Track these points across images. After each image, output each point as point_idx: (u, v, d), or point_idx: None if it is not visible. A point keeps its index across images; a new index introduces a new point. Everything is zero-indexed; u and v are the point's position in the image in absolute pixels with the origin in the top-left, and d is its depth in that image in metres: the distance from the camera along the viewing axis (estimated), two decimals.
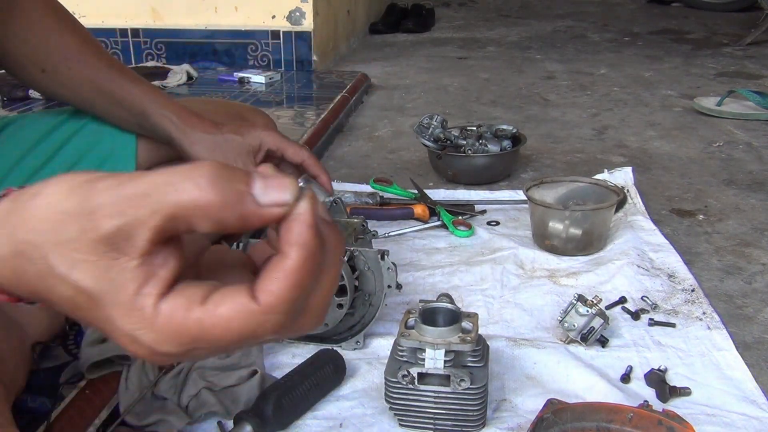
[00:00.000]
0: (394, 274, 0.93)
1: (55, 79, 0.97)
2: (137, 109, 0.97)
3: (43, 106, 2.13)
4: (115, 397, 0.83)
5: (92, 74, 0.97)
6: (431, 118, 1.68)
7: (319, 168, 0.98)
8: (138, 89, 0.97)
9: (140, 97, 0.96)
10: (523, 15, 4.36)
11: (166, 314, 0.33)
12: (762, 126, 2.06)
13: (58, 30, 0.96)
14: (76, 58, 0.96)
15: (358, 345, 0.96)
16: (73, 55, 0.96)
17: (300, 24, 2.74)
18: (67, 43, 0.96)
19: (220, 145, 0.95)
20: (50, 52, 0.96)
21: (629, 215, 1.39)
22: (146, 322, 0.33)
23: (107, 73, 0.97)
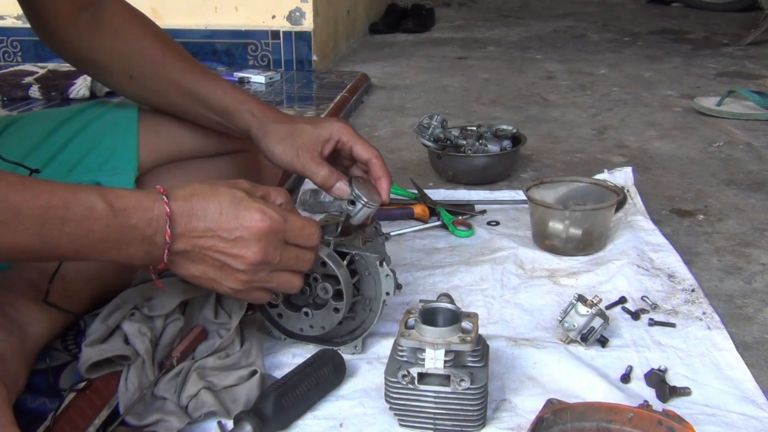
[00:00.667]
0: (392, 281, 0.92)
1: (142, 84, 1.02)
2: (220, 107, 1.00)
3: (43, 106, 2.13)
4: (115, 397, 0.83)
5: (176, 77, 1.00)
6: (431, 118, 1.68)
7: (383, 170, 0.96)
8: (220, 88, 1.00)
9: (222, 96, 0.99)
10: (523, 15, 4.36)
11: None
12: (762, 126, 2.06)
13: (143, 37, 1.01)
14: (161, 63, 1.00)
15: (357, 350, 0.96)
16: (157, 60, 1.00)
17: (300, 24, 2.74)
18: (151, 49, 1.00)
19: (290, 135, 0.96)
20: (136, 58, 1.00)
21: (629, 215, 1.39)
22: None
23: (191, 74, 1.00)
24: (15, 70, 2.45)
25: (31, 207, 0.65)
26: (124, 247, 0.71)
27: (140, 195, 0.72)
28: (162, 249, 0.73)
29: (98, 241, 0.69)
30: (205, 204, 0.74)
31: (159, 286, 0.84)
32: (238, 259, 0.76)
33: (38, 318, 0.85)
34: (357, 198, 0.93)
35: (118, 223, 0.69)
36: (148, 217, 0.71)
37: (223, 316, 0.94)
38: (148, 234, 0.71)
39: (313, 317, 0.94)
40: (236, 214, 0.75)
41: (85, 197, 0.68)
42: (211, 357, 0.90)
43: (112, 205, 0.69)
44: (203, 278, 0.78)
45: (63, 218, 0.67)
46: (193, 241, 0.74)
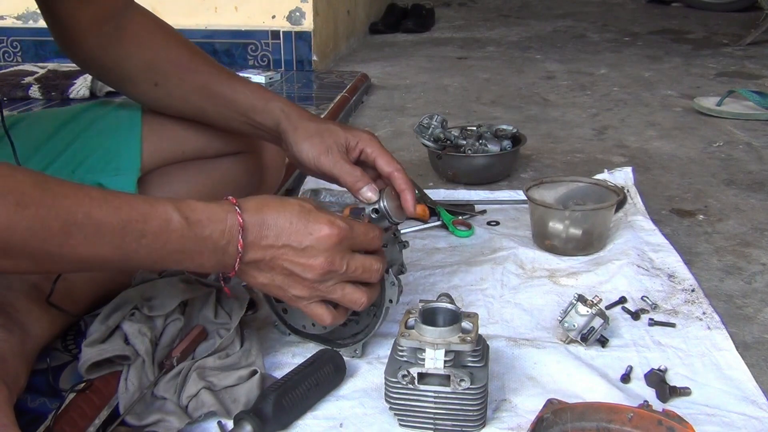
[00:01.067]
0: (397, 289, 0.91)
1: (168, 90, 1.02)
2: (246, 106, 1.00)
3: (43, 106, 2.13)
4: (115, 397, 0.83)
5: (202, 81, 1.01)
6: (431, 118, 1.68)
7: (406, 183, 0.96)
8: (246, 89, 1.01)
9: (248, 95, 1.00)
10: (523, 15, 4.36)
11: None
12: (762, 126, 2.06)
13: (167, 45, 1.02)
14: (186, 68, 1.01)
15: (356, 354, 0.96)
16: (183, 66, 1.01)
17: (300, 24, 2.74)
18: (177, 56, 1.01)
19: (321, 133, 0.96)
20: (161, 65, 1.01)
21: (629, 215, 1.39)
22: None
23: (216, 78, 1.01)
24: (15, 70, 2.45)
25: (112, 222, 0.68)
26: (198, 256, 0.74)
27: (213, 207, 0.75)
28: (234, 258, 0.75)
29: (173, 252, 0.72)
30: (276, 215, 0.77)
31: (228, 293, 0.86)
32: (306, 269, 0.78)
33: (39, 318, 0.85)
34: (384, 211, 0.92)
35: (193, 235, 0.72)
36: (221, 228, 0.74)
37: (223, 316, 0.94)
38: (221, 244, 0.74)
39: None
40: (305, 225, 0.77)
41: (162, 210, 0.71)
42: (211, 357, 0.90)
43: (188, 217, 0.72)
44: (271, 285, 0.80)
45: (141, 231, 0.69)
46: (263, 251, 0.76)
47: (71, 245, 0.66)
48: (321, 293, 0.81)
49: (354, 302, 0.83)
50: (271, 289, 0.81)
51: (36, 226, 0.64)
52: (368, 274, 0.83)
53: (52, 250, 0.66)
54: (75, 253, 0.67)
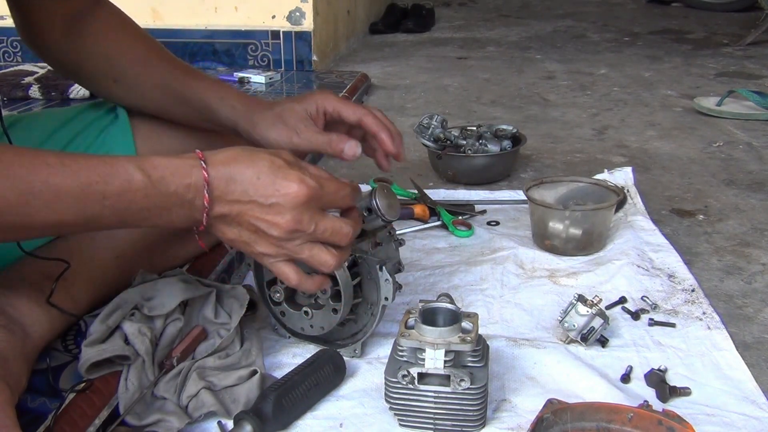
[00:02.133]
0: (392, 286, 0.91)
1: (126, 87, 1.02)
2: (202, 103, 0.99)
3: (43, 106, 2.13)
4: (115, 397, 0.83)
5: (159, 78, 1.00)
6: (431, 118, 1.68)
7: (378, 125, 0.93)
8: (202, 85, 1.00)
9: (204, 92, 0.99)
10: (523, 15, 4.36)
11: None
12: (762, 126, 2.06)
13: (127, 42, 1.01)
14: (143, 65, 1.00)
15: (356, 353, 0.96)
16: (140, 62, 1.00)
17: (300, 24, 2.74)
18: (133, 52, 1.01)
19: (280, 117, 0.95)
20: (119, 62, 1.00)
21: (629, 215, 1.39)
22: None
23: (173, 74, 1.01)
24: (15, 70, 2.45)
25: (71, 187, 0.67)
26: (165, 213, 0.73)
27: (177, 162, 0.73)
28: (201, 212, 0.74)
29: (139, 210, 0.71)
30: (244, 169, 0.75)
31: (202, 246, 0.83)
32: (272, 226, 0.76)
33: (39, 318, 0.85)
34: (375, 209, 0.93)
35: (158, 192, 0.71)
36: (186, 183, 0.72)
37: (223, 316, 0.94)
38: (187, 198, 0.73)
39: (312, 317, 0.94)
40: (273, 181, 0.75)
41: (123, 170, 0.70)
42: (211, 357, 0.90)
43: (150, 175, 0.71)
44: (238, 241, 0.78)
45: (103, 193, 0.68)
46: (230, 205, 0.75)
47: (31, 214, 0.66)
48: (288, 252, 0.78)
49: (322, 263, 0.80)
50: (238, 244, 0.79)
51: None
52: (338, 236, 0.79)
53: (12, 219, 0.66)
54: (36, 221, 0.67)
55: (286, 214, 0.75)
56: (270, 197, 0.75)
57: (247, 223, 0.76)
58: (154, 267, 0.96)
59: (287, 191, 0.75)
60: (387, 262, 0.93)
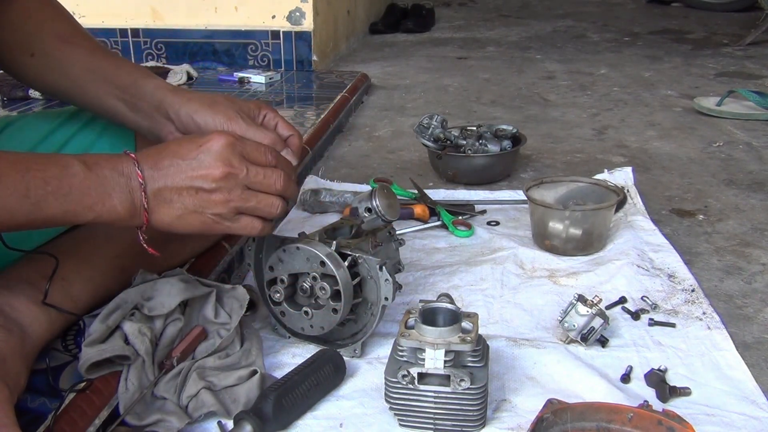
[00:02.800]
0: (392, 286, 0.91)
1: (45, 63, 0.99)
2: (128, 80, 0.97)
3: (42, 106, 2.13)
4: (115, 397, 0.83)
5: (82, 55, 0.99)
6: (431, 118, 1.68)
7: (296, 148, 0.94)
8: (128, 66, 1.00)
9: (130, 72, 0.98)
10: (523, 15, 4.36)
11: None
12: (762, 126, 2.06)
13: (52, 18, 1.01)
14: (69, 41, 0.99)
15: (356, 353, 0.96)
16: (66, 39, 0.99)
17: (300, 24, 2.74)
18: (60, 28, 1.00)
19: (218, 102, 0.93)
20: (43, 37, 0.99)
21: (629, 215, 1.39)
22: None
23: (96, 53, 1.00)
24: None
25: (11, 171, 0.71)
26: (107, 199, 0.76)
27: (106, 154, 0.79)
28: (139, 192, 0.77)
29: (81, 196, 0.74)
30: (167, 145, 0.81)
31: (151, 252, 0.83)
32: (205, 179, 0.79)
33: (38, 318, 0.85)
34: (375, 209, 0.93)
35: (94, 175, 0.75)
36: (118, 165, 0.77)
37: (223, 316, 0.94)
38: (122, 181, 0.76)
39: (312, 317, 0.94)
40: (193, 140, 0.81)
41: (60, 158, 0.75)
42: (211, 357, 0.90)
43: (86, 161, 0.76)
44: (187, 215, 0.80)
45: (44, 179, 0.72)
46: (162, 177, 0.78)
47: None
48: (235, 203, 0.81)
49: (270, 206, 0.83)
50: (189, 220, 0.80)
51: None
52: (270, 180, 0.82)
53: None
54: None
55: (215, 162, 0.79)
56: (194, 153, 0.79)
57: (184, 188, 0.79)
58: (154, 267, 0.96)
59: (208, 142, 0.79)
60: (387, 262, 0.93)
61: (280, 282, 0.95)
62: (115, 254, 0.97)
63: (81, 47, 1.00)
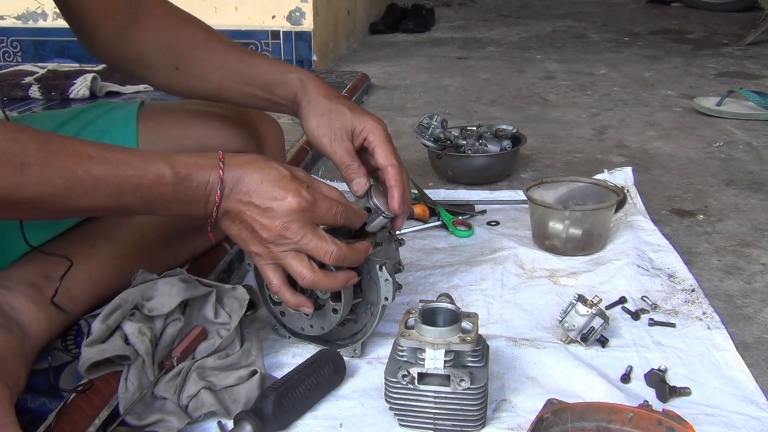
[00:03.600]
0: (392, 286, 0.91)
1: (188, 72, 1.04)
2: (266, 81, 1.02)
3: (42, 106, 2.13)
4: (115, 397, 0.83)
5: (221, 60, 1.03)
6: (431, 118, 1.68)
7: (396, 180, 0.95)
8: (265, 63, 1.04)
9: (267, 69, 1.03)
10: (523, 15, 4.36)
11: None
12: (762, 126, 2.06)
13: (182, 27, 1.05)
14: (204, 48, 1.03)
15: (356, 353, 0.96)
16: (201, 46, 1.03)
17: (300, 24, 2.74)
18: (194, 36, 1.04)
19: (330, 112, 0.97)
20: (179, 48, 1.03)
21: (629, 215, 1.39)
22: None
23: (234, 55, 1.04)
24: (15, 70, 2.45)
25: (109, 177, 0.75)
26: (186, 206, 0.81)
27: (201, 161, 0.81)
28: (213, 207, 0.82)
29: (166, 201, 0.79)
30: (252, 174, 0.82)
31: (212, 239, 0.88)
32: (263, 228, 0.83)
33: (38, 318, 0.85)
34: (375, 208, 0.93)
35: (183, 188, 0.79)
36: (205, 180, 0.80)
37: (223, 316, 0.94)
38: (204, 194, 0.81)
39: (312, 317, 0.94)
40: (273, 189, 0.82)
41: (156, 167, 0.78)
42: (211, 357, 0.90)
43: (179, 172, 0.79)
44: (238, 237, 0.86)
45: (137, 185, 0.77)
46: (234, 203, 0.82)
47: (72, 198, 0.73)
48: (274, 256, 0.85)
49: (298, 274, 0.85)
50: (237, 240, 0.86)
51: (41, 182, 0.71)
52: (320, 252, 0.84)
53: (56, 202, 0.73)
54: (76, 204, 0.74)
55: (277, 219, 0.82)
56: (267, 202, 0.82)
57: (245, 222, 0.83)
58: (154, 267, 0.96)
59: (282, 200, 0.82)
60: (387, 262, 0.93)
61: None
62: (114, 254, 0.97)
63: (215, 52, 1.04)
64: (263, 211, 0.82)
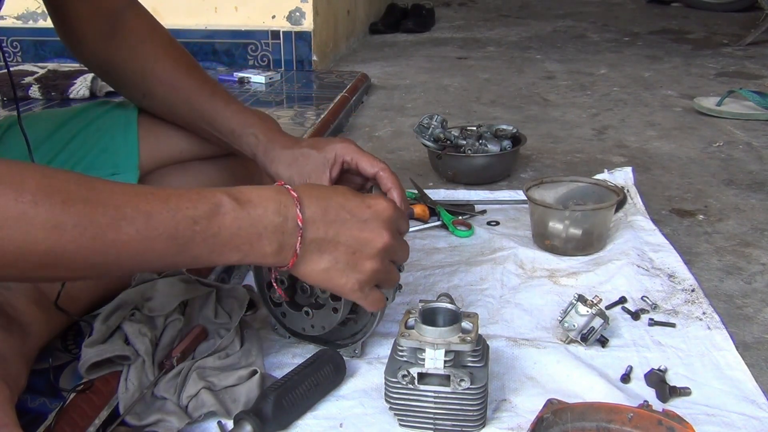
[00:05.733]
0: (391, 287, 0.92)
1: (153, 102, 1.03)
2: (227, 129, 1.00)
3: (42, 106, 2.13)
4: (115, 397, 0.83)
5: (185, 97, 1.01)
6: (431, 118, 1.68)
7: (392, 181, 0.94)
8: (228, 110, 1.00)
9: (229, 119, 0.99)
10: (523, 15, 4.36)
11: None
12: (762, 126, 2.06)
13: (154, 57, 1.01)
14: (170, 84, 1.01)
15: (356, 354, 0.96)
16: (167, 81, 1.01)
17: (300, 24, 2.74)
18: (162, 70, 1.01)
19: (297, 160, 0.95)
20: (147, 78, 1.01)
21: (629, 215, 1.39)
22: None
23: (199, 94, 1.00)
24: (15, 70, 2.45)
25: (161, 212, 0.65)
26: (257, 241, 0.70)
27: (262, 187, 0.72)
28: (295, 237, 0.72)
29: (230, 237, 0.68)
30: (329, 191, 0.76)
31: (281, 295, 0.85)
32: (369, 243, 0.75)
33: (38, 318, 0.85)
34: None
35: (246, 215, 0.69)
36: (275, 205, 0.71)
37: (223, 316, 0.94)
38: (277, 222, 0.70)
39: (313, 317, 0.94)
40: (362, 199, 0.76)
41: (210, 195, 0.68)
42: (211, 357, 0.90)
43: (238, 198, 0.69)
44: (333, 270, 0.75)
45: (193, 218, 0.66)
46: (326, 226, 0.73)
47: (123, 241, 0.62)
48: (380, 275, 0.78)
49: (395, 281, 0.82)
50: (332, 275, 0.76)
51: (84, 222, 0.60)
52: (406, 254, 0.82)
53: (105, 249, 0.62)
54: (128, 250, 0.63)
55: (382, 230, 0.76)
56: (364, 214, 0.75)
57: (344, 245, 0.75)
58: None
59: (378, 207, 0.76)
60: None
61: (280, 283, 0.95)
62: None
63: (181, 91, 1.01)
64: (364, 225, 0.75)
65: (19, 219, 0.58)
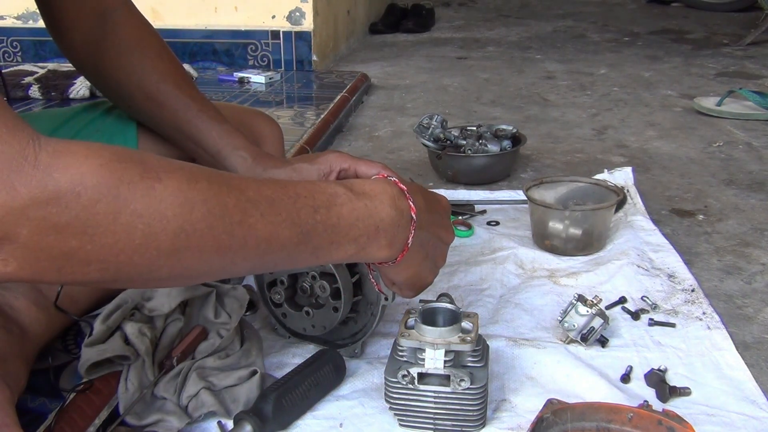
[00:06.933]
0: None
1: (140, 116, 1.02)
2: (213, 149, 0.98)
3: (42, 106, 2.13)
4: (115, 397, 0.83)
5: (170, 116, 0.99)
6: (431, 118, 1.68)
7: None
8: (215, 131, 0.98)
9: (216, 139, 0.97)
10: (523, 15, 4.36)
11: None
12: (762, 126, 2.06)
13: (141, 68, 0.98)
14: (155, 100, 0.98)
15: (356, 353, 0.96)
16: (152, 96, 0.98)
17: (300, 24, 2.74)
18: (147, 83, 0.98)
19: (290, 177, 0.94)
20: (132, 91, 0.99)
21: (629, 215, 1.39)
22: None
23: (184, 113, 0.98)
24: (15, 70, 2.45)
25: (283, 196, 0.63)
26: (374, 233, 0.69)
27: (372, 180, 0.73)
28: (407, 231, 0.72)
29: (348, 227, 0.67)
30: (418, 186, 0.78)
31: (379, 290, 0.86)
32: (445, 239, 0.80)
33: (37, 318, 0.85)
34: None
35: (363, 205, 0.68)
36: (389, 195, 0.70)
37: (223, 316, 0.94)
38: (393, 215, 0.70)
39: (314, 317, 0.94)
40: (433, 194, 0.79)
41: (326, 186, 0.68)
42: (211, 357, 0.90)
43: (352, 188, 0.69)
44: (422, 266, 0.78)
45: (313, 206, 0.65)
46: (429, 221, 0.76)
47: (250, 224, 0.60)
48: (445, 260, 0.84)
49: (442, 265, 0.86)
50: (421, 270, 0.78)
51: (212, 200, 0.57)
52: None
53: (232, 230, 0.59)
54: (255, 234, 0.60)
55: (449, 226, 0.81)
56: (441, 207, 0.80)
57: (435, 238, 0.78)
58: None
59: (445, 202, 0.81)
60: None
61: (280, 283, 0.95)
62: None
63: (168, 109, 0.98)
64: (443, 219, 0.79)
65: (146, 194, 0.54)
